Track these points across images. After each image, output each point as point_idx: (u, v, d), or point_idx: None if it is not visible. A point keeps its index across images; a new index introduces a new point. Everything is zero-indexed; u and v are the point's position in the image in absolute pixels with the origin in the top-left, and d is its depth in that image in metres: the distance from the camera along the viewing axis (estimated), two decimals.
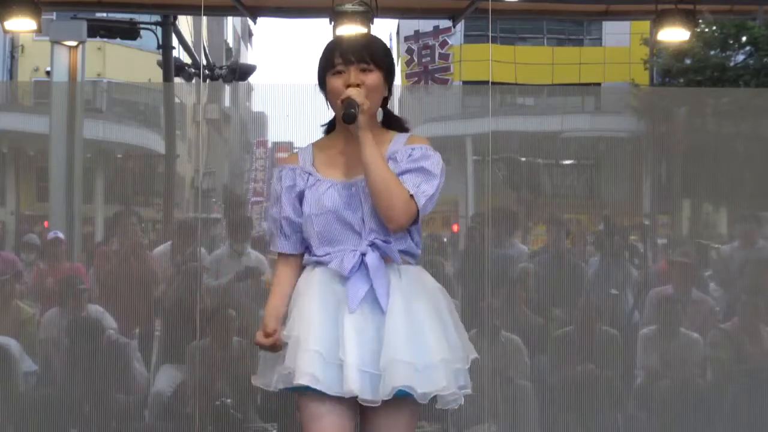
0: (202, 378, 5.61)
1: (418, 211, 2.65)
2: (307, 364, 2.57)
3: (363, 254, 2.64)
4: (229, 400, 5.58)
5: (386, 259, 2.67)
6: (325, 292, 2.66)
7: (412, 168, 2.67)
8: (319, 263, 2.72)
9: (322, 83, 2.80)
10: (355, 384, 2.54)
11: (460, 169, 6.94)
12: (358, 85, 2.69)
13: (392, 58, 2.83)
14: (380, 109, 2.82)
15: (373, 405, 2.57)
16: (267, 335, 2.74)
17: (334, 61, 2.73)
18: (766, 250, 6.19)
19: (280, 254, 2.83)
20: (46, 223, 6.50)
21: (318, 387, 2.56)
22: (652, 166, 6.60)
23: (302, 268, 2.80)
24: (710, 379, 5.88)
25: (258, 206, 8.16)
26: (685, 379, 5.77)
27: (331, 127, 2.88)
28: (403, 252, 2.71)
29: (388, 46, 2.95)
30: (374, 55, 2.73)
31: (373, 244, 2.66)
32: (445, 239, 6.55)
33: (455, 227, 6.64)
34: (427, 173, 2.67)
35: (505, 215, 6.19)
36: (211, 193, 7.17)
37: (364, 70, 2.71)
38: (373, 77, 2.72)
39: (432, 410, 2.73)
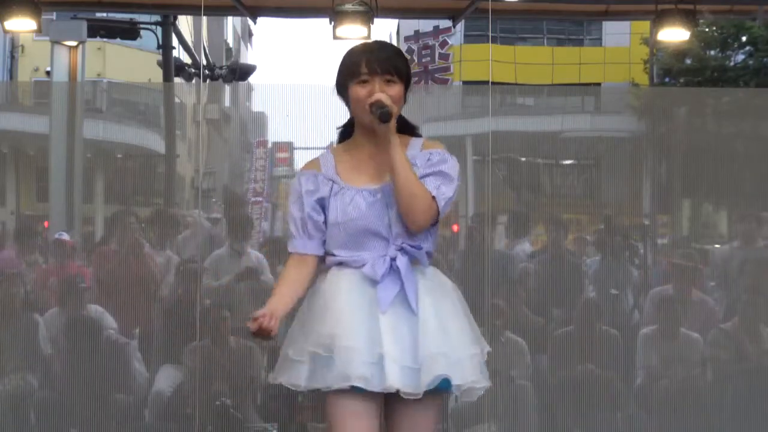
0: (202, 378, 5.61)
1: (438, 212, 2.74)
2: (356, 366, 2.61)
3: (393, 259, 2.71)
4: (229, 400, 5.58)
5: (413, 261, 2.74)
6: (355, 294, 2.71)
7: (432, 172, 2.76)
8: (343, 264, 2.75)
9: (342, 89, 2.83)
10: (396, 379, 2.61)
11: (460, 169, 6.93)
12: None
13: (409, 70, 2.87)
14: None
15: (415, 398, 2.64)
16: (255, 318, 2.72)
17: (360, 70, 2.76)
18: (766, 250, 6.18)
19: (297, 254, 2.82)
20: (46, 223, 6.50)
21: (365, 385, 2.61)
22: (652, 166, 6.60)
23: (319, 269, 2.83)
24: (710, 379, 5.87)
25: (258, 206, 8.16)
26: (685, 379, 5.77)
27: (346, 134, 2.91)
28: (428, 253, 2.80)
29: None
30: (399, 67, 2.78)
31: (401, 249, 2.72)
32: (445, 239, 6.55)
33: (455, 227, 6.63)
34: (446, 176, 2.77)
35: (506, 215, 6.20)
36: (211, 193, 7.17)
37: (388, 81, 2.75)
38: (396, 89, 2.76)
39: None
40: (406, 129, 2.89)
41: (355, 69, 2.77)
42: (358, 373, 2.61)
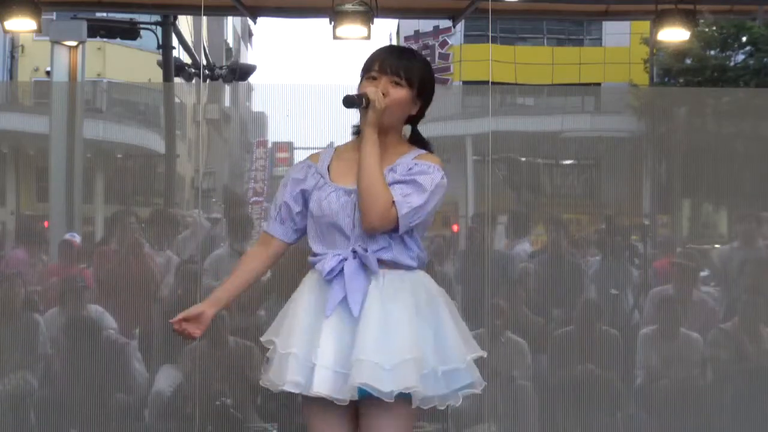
0: (202, 378, 5.61)
1: (398, 219, 2.69)
2: (289, 371, 2.66)
3: (344, 259, 2.71)
4: (229, 400, 5.58)
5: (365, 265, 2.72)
6: (312, 296, 2.75)
7: (405, 180, 2.73)
8: (313, 263, 2.79)
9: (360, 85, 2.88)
10: (324, 384, 2.62)
11: (460, 169, 6.93)
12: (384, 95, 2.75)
13: (429, 83, 2.87)
14: (409, 126, 2.91)
15: (342, 404, 2.64)
16: (184, 317, 2.83)
17: (373, 67, 2.81)
18: (766, 250, 6.18)
19: (265, 233, 2.89)
20: (46, 223, 6.50)
21: (298, 390, 2.65)
22: (652, 166, 6.60)
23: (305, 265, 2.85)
24: (710, 379, 5.87)
25: (258, 206, 8.15)
26: (685, 379, 5.77)
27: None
28: (391, 262, 2.74)
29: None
30: (408, 72, 2.79)
31: (354, 251, 2.71)
32: (445, 239, 6.55)
33: (455, 227, 6.63)
34: (417, 186, 2.72)
35: (506, 215, 6.21)
36: (211, 193, 7.17)
37: (395, 83, 2.78)
38: (400, 92, 2.78)
39: (432, 410, 2.75)
40: (418, 143, 2.90)
41: (369, 66, 2.82)
42: (290, 378, 2.65)
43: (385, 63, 2.79)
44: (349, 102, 2.74)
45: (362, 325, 2.64)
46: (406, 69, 2.79)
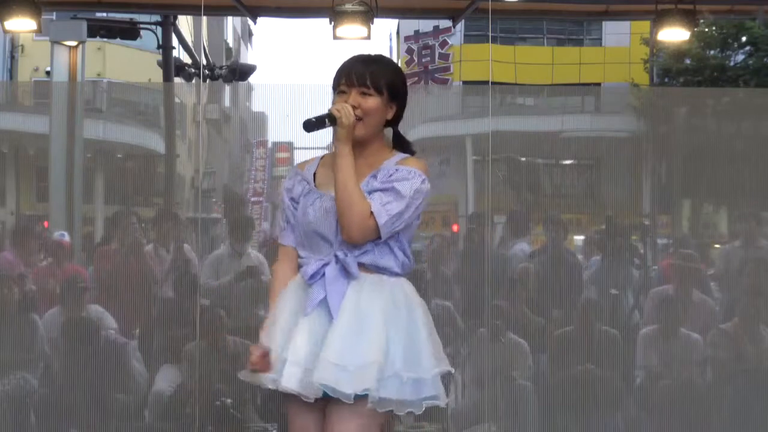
0: (202, 378, 5.61)
1: (378, 228, 2.72)
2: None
3: (326, 264, 2.77)
4: (229, 400, 5.58)
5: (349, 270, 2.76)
6: (295, 296, 2.83)
7: (385, 187, 2.76)
8: (299, 265, 2.88)
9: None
10: (292, 380, 2.71)
11: (460, 169, 6.94)
12: (354, 108, 2.78)
13: (400, 84, 2.89)
14: (391, 129, 2.92)
15: (306, 400, 2.72)
16: (261, 355, 2.83)
17: (340, 82, 2.84)
18: (766, 250, 6.18)
19: (281, 246, 2.95)
20: (46, 223, 6.50)
21: (273, 386, 2.76)
22: (652, 166, 6.60)
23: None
24: (710, 379, 5.87)
25: (258, 206, 8.16)
26: (685, 379, 5.77)
27: None
28: (372, 266, 2.78)
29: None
30: (375, 80, 2.81)
31: (336, 256, 2.77)
32: (445, 239, 6.54)
33: (455, 227, 6.63)
34: (396, 193, 2.75)
35: (505, 215, 6.21)
36: (211, 193, 7.17)
37: (363, 94, 2.81)
38: (371, 101, 2.81)
39: (432, 410, 2.76)
40: (401, 145, 2.92)
41: (338, 81, 2.86)
42: (270, 375, 2.76)
43: (351, 75, 2.82)
44: (309, 126, 2.76)
45: (334, 327, 2.71)
46: (372, 77, 2.81)
